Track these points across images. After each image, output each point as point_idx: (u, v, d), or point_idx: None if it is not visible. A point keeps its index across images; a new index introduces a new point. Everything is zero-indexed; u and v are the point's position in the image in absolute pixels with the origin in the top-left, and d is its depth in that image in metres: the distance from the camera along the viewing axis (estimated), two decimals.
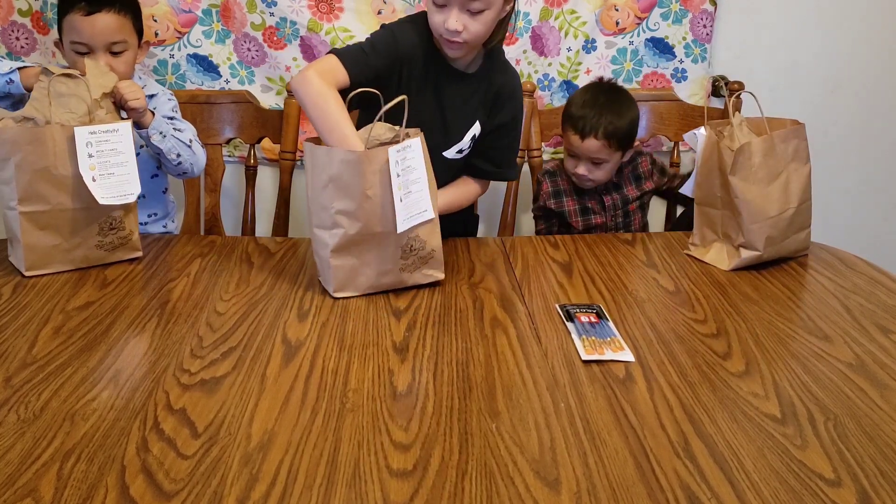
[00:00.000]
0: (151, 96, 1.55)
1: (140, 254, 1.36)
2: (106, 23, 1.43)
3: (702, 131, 1.38)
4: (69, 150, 1.24)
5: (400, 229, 1.16)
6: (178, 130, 1.50)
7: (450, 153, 1.49)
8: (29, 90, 1.33)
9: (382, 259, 1.20)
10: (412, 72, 1.40)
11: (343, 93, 1.25)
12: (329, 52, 1.33)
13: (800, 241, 1.39)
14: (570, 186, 1.71)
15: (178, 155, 1.48)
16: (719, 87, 2.01)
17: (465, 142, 1.49)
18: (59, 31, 1.48)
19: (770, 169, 1.33)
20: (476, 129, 1.49)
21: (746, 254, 1.33)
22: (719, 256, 1.37)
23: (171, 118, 1.54)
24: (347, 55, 1.32)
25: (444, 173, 1.46)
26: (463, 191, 1.54)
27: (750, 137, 1.35)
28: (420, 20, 1.40)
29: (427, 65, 1.42)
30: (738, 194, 1.32)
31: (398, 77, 1.39)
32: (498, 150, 1.54)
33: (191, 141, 1.51)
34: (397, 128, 1.21)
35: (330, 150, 1.16)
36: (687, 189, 1.46)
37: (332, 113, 1.22)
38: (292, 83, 1.31)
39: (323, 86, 1.24)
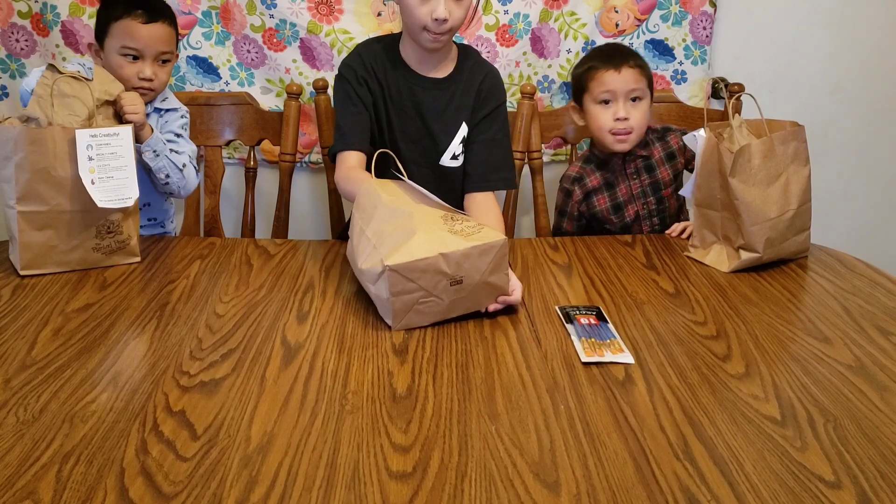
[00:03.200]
0: (168, 110, 1.56)
1: (138, 259, 1.36)
2: (161, 33, 1.47)
3: (701, 133, 1.38)
4: (69, 152, 1.24)
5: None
6: (176, 152, 1.50)
7: (445, 161, 1.50)
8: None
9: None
10: (385, 92, 1.46)
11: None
12: (330, 150, 1.46)
13: (799, 242, 1.39)
14: (601, 182, 1.66)
15: (167, 176, 1.48)
16: (719, 88, 2.01)
17: (456, 145, 1.49)
18: (101, 34, 1.47)
19: (770, 171, 1.33)
20: (464, 130, 1.49)
21: (746, 255, 1.33)
22: (719, 258, 1.37)
23: (178, 135, 1.54)
24: (341, 140, 1.43)
25: (443, 183, 1.47)
26: (493, 218, 1.41)
27: (750, 139, 1.35)
28: (359, 50, 1.48)
29: (397, 82, 1.46)
30: (738, 196, 1.32)
31: (381, 102, 1.46)
32: (488, 147, 1.48)
33: (184, 165, 1.50)
34: None
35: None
36: (686, 191, 1.46)
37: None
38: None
39: (348, 183, 1.35)
